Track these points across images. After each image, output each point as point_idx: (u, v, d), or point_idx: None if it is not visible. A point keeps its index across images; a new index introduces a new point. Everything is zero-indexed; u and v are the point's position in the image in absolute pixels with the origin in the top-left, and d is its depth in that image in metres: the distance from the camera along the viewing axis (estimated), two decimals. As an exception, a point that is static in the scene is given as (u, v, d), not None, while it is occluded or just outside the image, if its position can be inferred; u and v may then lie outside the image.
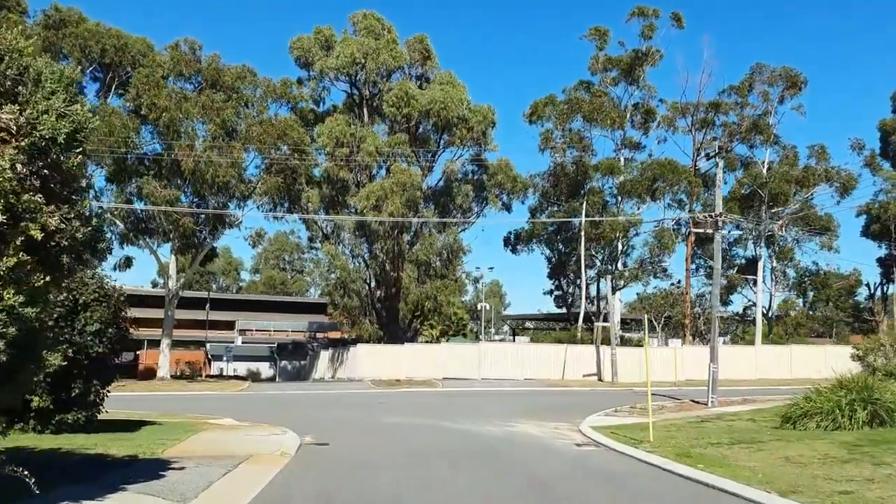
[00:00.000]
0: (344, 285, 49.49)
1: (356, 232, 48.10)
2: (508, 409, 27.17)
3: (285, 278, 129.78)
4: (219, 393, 36.64)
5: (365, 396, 33.49)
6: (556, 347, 46.01)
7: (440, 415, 24.30)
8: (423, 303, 50.85)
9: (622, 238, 49.20)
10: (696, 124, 53.09)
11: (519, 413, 25.49)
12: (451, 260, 49.59)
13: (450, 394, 35.80)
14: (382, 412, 24.97)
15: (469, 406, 28.33)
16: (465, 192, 50.16)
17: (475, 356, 46.01)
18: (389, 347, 47.81)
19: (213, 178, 36.58)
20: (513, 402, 30.68)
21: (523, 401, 31.24)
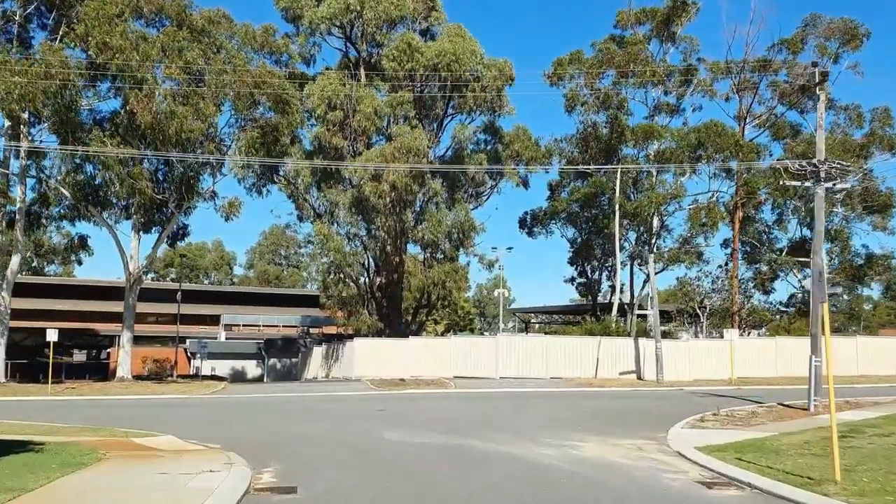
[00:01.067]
0: (339, 270, 42.78)
1: (352, 208, 41.37)
2: (552, 418, 20.48)
3: (280, 273, 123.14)
4: (184, 397, 29.98)
5: (362, 400, 26.81)
6: (588, 341, 39.30)
7: (462, 428, 17.61)
8: (430, 290, 44.14)
9: (661, 213, 42.43)
10: (742, 85, 46.24)
11: (569, 424, 18.82)
12: (462, 241, 42.86)
13: (466, 396, 29.10)
14: (383, 424, 18.30)
15: (497, 414, 21.64)
16: (479, 161, 43.41)
17: (492, 351, 39.31)
18: (391, 342, 41.12)
19: (176, 134, 29.79)
20: (551, 407, 23.97)
21: (564, 406, 24.51)
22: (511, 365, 39.30)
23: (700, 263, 44.59)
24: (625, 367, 39.40)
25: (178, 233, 38.74)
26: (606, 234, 46.83)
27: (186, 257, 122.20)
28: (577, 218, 49.46)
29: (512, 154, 46.01)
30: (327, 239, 41.58)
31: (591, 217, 48.81)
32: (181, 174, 31.97)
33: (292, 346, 55.07)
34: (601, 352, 39.28)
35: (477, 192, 45.97)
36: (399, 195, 39.28)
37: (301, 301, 67.93)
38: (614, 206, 42.38)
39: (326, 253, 42.13)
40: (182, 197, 33.38)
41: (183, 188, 32.44)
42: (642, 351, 39.31)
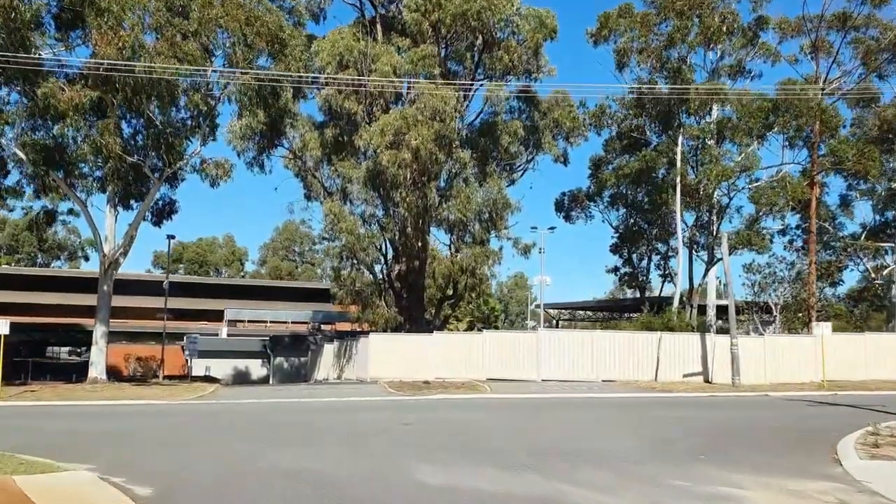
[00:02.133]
0: (352, 255, 36.96)
1: (368, 183, 35.54)
2: (646, 438, 14.46)
3: (293, 269, 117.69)
4: (160, 404, 24.29)
5: (379, 409, 20.96)
6: (645, 338, 33.23)
7: (532, 458, 11.68)
8: (457, 278, 38.24)
9: (727, 190, 36.38)
10: (818, 45, 39.86)
11: (680, 449, 12.91)
12: (495, 222, 36.91)
13: (510, 404, 23.15)
14: (413, 450, 12.43)
15: (567, 432, 15.68)
16: (514, 129, 37.44)
17: (532, 349, 33.35)
18: (413, 338, 35.29)
19: (149, 76, 24.01)
20: (632, 422, 17.94)
21: (647, 420, 18.48)
22: (554, 365, 33.33)
23: (769, 248, 38.22)
24: (690, 367, 33.29)
25: (163, 209, 33.01)
26: (660, 216, 40.76)
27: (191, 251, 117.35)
28: (625, 198, 43.32)
29: (550, 124, 40.06)
30: (338, 219, 35.80)
31: (641, 197, 42.67)
32: (158, 132, 26.17)
33: (301, 344, 49.36)
34: (661, 350, 33.21)
35: (511, 165, 40.01)
36: (422, 166, 33.39)
37: (312, 295, 62.17)
38: (674, 178, 36.23)
39: (338, 235, 36.32)
40: (163, 161, 27.61)
41: (163, 148, 26.65)
42: (711, 349, 33.22)
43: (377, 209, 37.27)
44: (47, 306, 51.97)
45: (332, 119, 38.45)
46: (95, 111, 26.19)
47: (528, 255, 38.47)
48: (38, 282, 58.63)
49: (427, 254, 38.27)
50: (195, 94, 25.94)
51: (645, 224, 43.84)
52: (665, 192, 37.70)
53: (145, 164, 26.92)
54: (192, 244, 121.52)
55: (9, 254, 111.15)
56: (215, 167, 26.12)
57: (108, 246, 30.74)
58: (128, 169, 28.73)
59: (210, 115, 27.81)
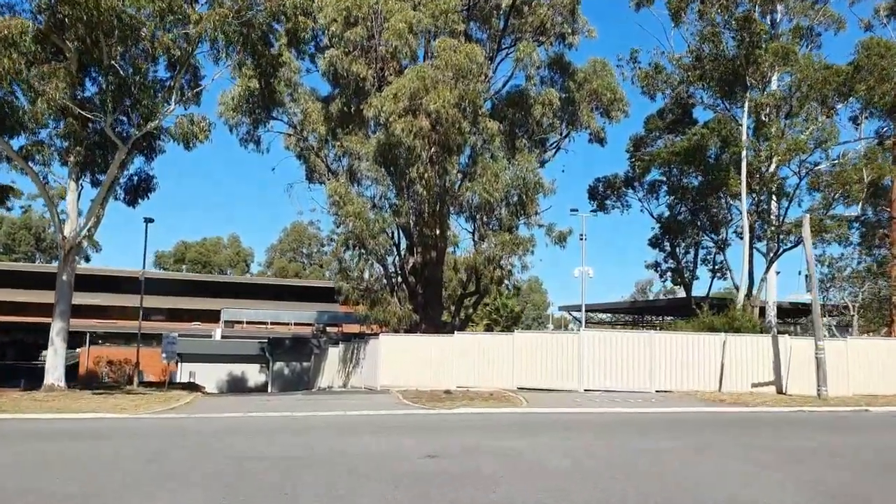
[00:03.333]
0: (360, 244, 31.84)
1: (378, 159, 30.46)
2: (817, 491, 9.14)
3: (300, 270, 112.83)
4: (116, 418, 19.29)
5: (391, 432, 15.77)
6: (707, 340, 27.92)
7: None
8: (481, 271, 33.06)
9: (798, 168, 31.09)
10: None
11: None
12: (525, 205, 31.71)
13: (559, 424, 17.93)
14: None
15: (674, 474, 10.32)
16: (548, 99, 32.30)
17: (573, 353, 28.13)
18: (430, 340, 30.21)
19: (107, 12, 18.99)
20: (758, 456, 12.49)
21: (775, 451, 13.04)
22: (599, 373, 28.12)
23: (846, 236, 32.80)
24: (759, 376, 28.00)
25: (138, 185, 28.06)
26: (710, 203, 35.46)
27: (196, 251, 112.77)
28: (673, 180, 37.98)
29: (587, 96, 34.86)
30: (344, 201, 30.75)
31: (689, 181, 37.38)
32: (121, 81, 21.08)
33: (304, 347, 44.39)
34: (726, 355, 27.91)
35: (543, 141, 34.85)
36: (443, 136, 28.30)
37: (317, 295, 56.99)
38: (738, 152, 30.91)
39: (343, 220, 31.21)
40: (129, 119, 22.58)
41: (129, 106, 21.61)
42: (784, 354, 27.93)
43: (389, 190, 32.16)
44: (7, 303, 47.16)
45: (337, 88, 33.50)
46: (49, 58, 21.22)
47: (563, 244, 33.25)
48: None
49: (446, 243, 33.15)
50: (165, 35, 20.82)
51: (695, 212, 38.45)
52: (724, 172, 32.33)
53: (106, 121, 21.78)
54: (195, 244, 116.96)
55: (5, 253, 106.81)
56: (190, 123, 20.98)
57: (69, 227, 25.74)
58: (90, 133, 23.83)
59: (187, 66, 22.71)
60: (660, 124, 39.23)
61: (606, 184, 41.86)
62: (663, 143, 37.51)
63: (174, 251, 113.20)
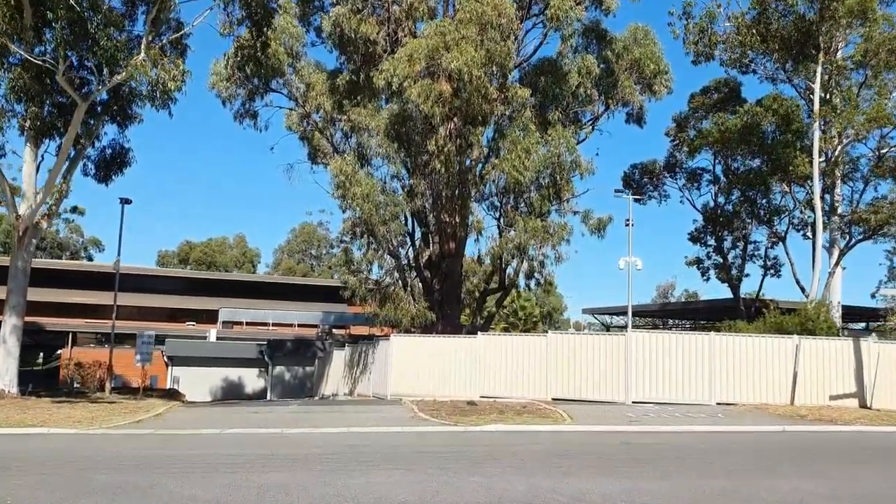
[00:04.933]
0: (369, 231, 27.72)
1: (390, 133, 26.40)
2: None
3: (307, 271, 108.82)
4: (57, 434, 15.26)
5: (412, 464, 11.59)
6: (775, 344, 23.60)
7: None
8: (507, 262, 28.88)
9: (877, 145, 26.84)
10: None
11: None
12: (559, 187, 27.51)
13: (623, 450, 13.74)
14: None
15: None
16: (586, 66, 28.15)
17: (618, 358, 23.87)
18: (450, 342, 26.06)
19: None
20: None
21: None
22: (648, 382, 23.86)
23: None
24: (838, 386, 23.67)
25: (111, 159, 24.08)
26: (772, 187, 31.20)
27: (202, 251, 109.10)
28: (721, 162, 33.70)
29: (628, 66, 30.66)
30: (350, 181, 26.64)
31: (738, 166, 33.13)
32: (74, 17, 16.98)
33: (307, 350, 40.34)
34: (799, 361, 23.60)
35: (578, 115, 30.65)
36: (466, 102, 24.15)
37: (323, 295, 52.76)
38: (802, 130, 26.66)
39: (349, 204, 27.07)
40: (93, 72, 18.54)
41: (88, 50, 17.59)
42: (869, 361, 23.61)
43: (402, 170, 28.09)
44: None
45: (343, 56, 29.47)
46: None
47: (602, 233, 28.90)
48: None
49: (467, 231, 28.95)
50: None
51: (744, 202, 34.14)
52: (787, 149, 28.03)
53: (58, 70, 17.71)
54: (200, 244, 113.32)
55: (4, 253, 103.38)
56: (153, 65, 16.84)
57: (25, 205, 21.71)
58: (48, 90, 19.85)
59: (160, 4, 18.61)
60: (705, 102, 35.00)
61: (643, 170, 37.66)
62: (709, 124, 33.23)
63: (178, 251, 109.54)
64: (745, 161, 32.71)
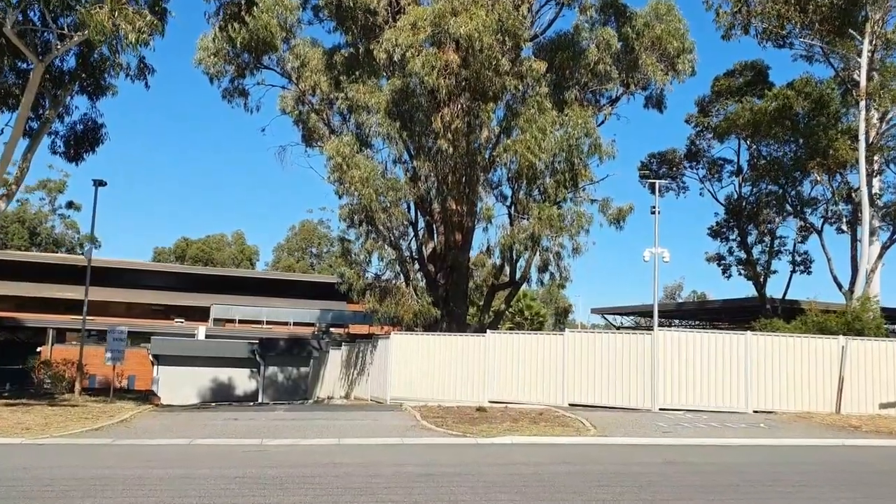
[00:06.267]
0: (368, 218, 25.29)
1: (392, 111, 24.03)
2: None
3: (307, 269, 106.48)
4: (10, 443, 12.84)
5: (418, 495, 9.17)
6: (818, 345, 21.17)
7: None
8: (519, 254, 26.48)
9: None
10: None
11: None
12: (576, 172, 25.06)
13: (670, 473, 11.32)
14: None
15: None
16: (605, 39, 25.74)
17: (642, 359, 21.44)
18: (455, 341, 23.67)
19: None
20: None
21: None
22: (677, 386, 21.40)
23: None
24: (891, 394, 21.23)
25: (82, 135, 21.67)
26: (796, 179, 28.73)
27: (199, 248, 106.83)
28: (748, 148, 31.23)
29: (649, 44, 28.18)
30: (348, 164, 24.24)
31: (768, 152, 30.67)
32: None
33: (301, 350, 37.93)
34: (846, 365, 21.14)
35: (597, 94, 28.24)
36: (475, 74, 21.76)
37: (321, 292, 50.26)
38: (860, 99, 24.17)
39: (346, 189, 24.64)
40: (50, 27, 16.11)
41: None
42: (924, 365, 21.18)
43: (405, 152, 25.68)
44: None
45: (341, 27, 27.03)
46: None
47: (621, 224, 26.42)
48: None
49: (475, 220, 26.55)
50: None
51: (771, 193, 31.69)
52: (825, 132, 25.57)
53: (6, 21, 15.26)
54: (197, 241, 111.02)
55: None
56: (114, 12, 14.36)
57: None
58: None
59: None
60: (730, 85, 32.58)
61: (662, 160, 35.22)
62: (736, 108, 30.79)
63: (174, 248, 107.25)
64: (776, 147, 30.26)
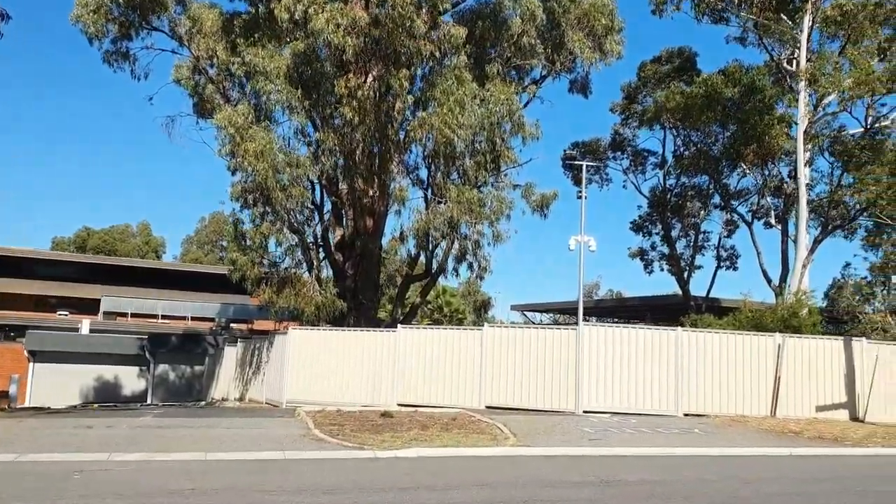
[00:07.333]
0: (264, 198, 22.40)
1: (294, 77, 21.29)
2: None
3: (216, 261, 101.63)
4: None
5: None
6: (756, 343, 19.61)
7: None
8: (436, 242, 24.12)
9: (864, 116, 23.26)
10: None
11: None
12: (498, 153, 22.87)
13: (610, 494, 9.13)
14: None
15: None
16: (530, 9, 23.58)
17: (567, 357, 19.43)
18: (362, 337, 21.19)
19: None
20: None
21: None
22: (603, 387, 19.48)
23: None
24: (826, 395, 19.83)
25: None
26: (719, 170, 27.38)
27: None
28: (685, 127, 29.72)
29: (576, 21, 26.26)
30: (241, 135, 21.39)
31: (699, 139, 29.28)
32: None
33: (196, 346, 34.60)
34: (783, 365, 19.63)
35: (520, 70, 26.15)
36: (388, 34, 19.28)
37: (224, 284, 46.83)
38: (799, 80, 22.81)
39: (239, 164, 21.72)
40: None
41: None
42: (861, 366, 19.88)
43: (308, 124, 22.96)
44: None
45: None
46: None
47: (545, 211, 24.43)
48: None
49: (388, 204, 24.04)
50: None
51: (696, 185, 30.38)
52: (760, 117, 24.19)
53: None
54: (100, 231, 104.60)
55: None
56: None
57: None
58: None
59: None
60: (657, 71, 31.12)
61: (586, 149, 33.51)
62: (665, 93, 29.29)
63: (74, 238, 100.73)
64: (707, 136, 28.87)
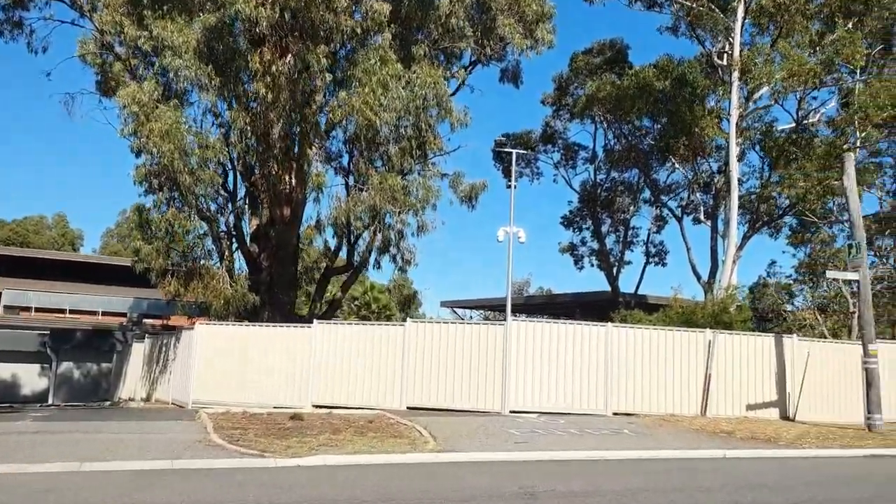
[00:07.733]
0: (171, 181, 20.65)
1: (203, 52, 19.66)
2: None
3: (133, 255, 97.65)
4: None
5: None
6: (686, 339, 18.95)
7: None
8: (357, 232, 22.81)
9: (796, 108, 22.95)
10: None
11: None
12: (425, 139, 21.69)
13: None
14: None
15: None
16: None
17: (493, 356, 18.41)
18: (274, 333, 19.77)
19: None
20: None
21: None
22: (531, 386, 18.54)
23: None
24: (757, 394, 19.34)
25: None
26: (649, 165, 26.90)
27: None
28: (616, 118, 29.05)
29: (506, 6, 25.29)
30: (145, 114, 19.67)
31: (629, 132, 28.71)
32: None
33: (103, 343, 32.46)
34: (712, 362, 19.04)
35: (448, 54, 25.05)
36: (305, 6, 17.88)
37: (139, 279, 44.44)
38: (733, 70, 22.34)
39: (144, 144, 19.97)
40: None
41: None
42: (792, 363, 19.47)
43: (220, 103, 21.33)
44: None
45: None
46: None
47: (473, 202, 23.43)
48: None
49: (305, 193, 22.57)
50: None
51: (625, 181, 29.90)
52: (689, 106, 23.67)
53: None
54: (11, 223, 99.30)
55: None
56: None
57: None
58: None
59: None
60: (589, 63, 30.47)
61: (517, 141, 32.64)
62: (597, 84, 28.63)
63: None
64: (638, 129, 28.33)
